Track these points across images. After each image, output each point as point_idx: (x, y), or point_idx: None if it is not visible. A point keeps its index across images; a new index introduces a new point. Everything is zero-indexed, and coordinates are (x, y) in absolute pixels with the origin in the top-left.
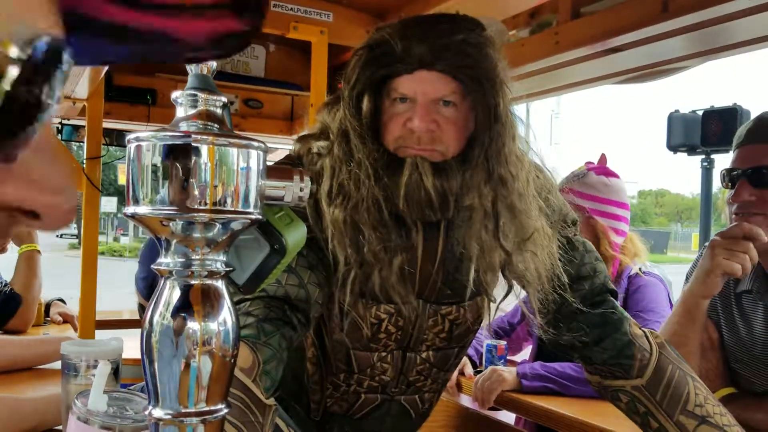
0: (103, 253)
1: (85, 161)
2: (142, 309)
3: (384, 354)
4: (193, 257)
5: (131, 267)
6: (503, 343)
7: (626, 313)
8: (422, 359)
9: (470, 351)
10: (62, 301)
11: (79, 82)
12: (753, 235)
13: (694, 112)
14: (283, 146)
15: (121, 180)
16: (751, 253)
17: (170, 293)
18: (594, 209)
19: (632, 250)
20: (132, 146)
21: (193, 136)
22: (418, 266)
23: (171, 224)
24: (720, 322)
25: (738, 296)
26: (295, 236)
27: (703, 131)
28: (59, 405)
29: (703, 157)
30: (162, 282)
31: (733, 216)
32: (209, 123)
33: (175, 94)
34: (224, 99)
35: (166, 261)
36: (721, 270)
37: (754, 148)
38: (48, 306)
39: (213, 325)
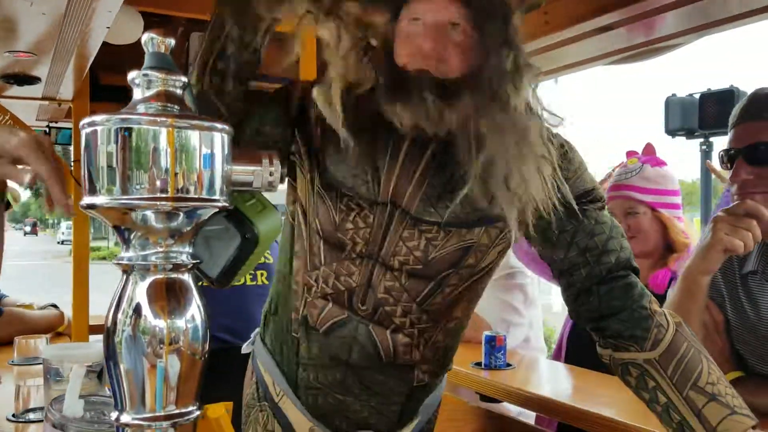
0: (104, 258)
1: (72, 164)
2: None
3: (353, 255)
4: (156, 250)
5: None
6: (503, 334)
7: (647, 290)
8: (392, 276)
9: None
10: (55, 306)
11: (63, 81)
12: (756, 212)
13: (691, 95)
14: None
15: None
16: (754, 230)
17: (133, 289)
18: (658, 203)
19: (696, 234)
20: (86, 132)
21: (150, 118)
22: (396, 171)
23: (131, 215)
24: (725, 304)
25: (744, 277)
26: (268, 224)
27: (700, 114)
28: None
29: (702, 140)
30: (123, 278)
31: (735, 196)
32: (168, 104)
33: (132, 75)
34: (184, 79)
35: (128, 255)
36: (722, 246)
37: (748, 126)
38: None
39: (180, 322)
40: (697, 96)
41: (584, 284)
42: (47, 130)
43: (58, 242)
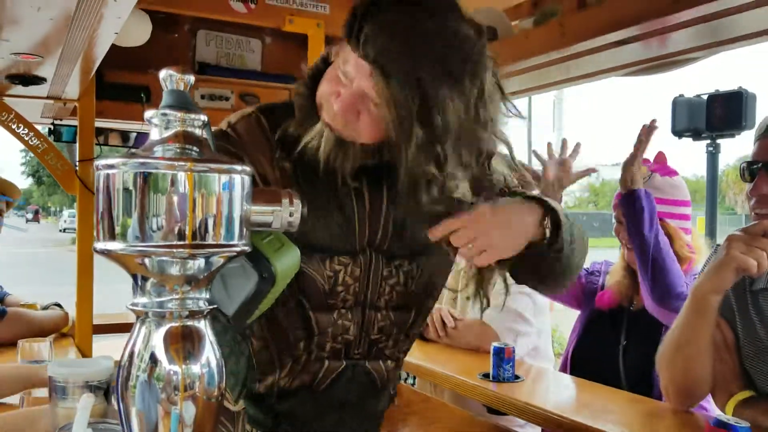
0: None
1: (77, 163)
2: None
3: (344, 311)
4: (171, 297)
5: None
6: (512, 345)
7: None
8: (383, 315)
9: None
10: (59, 305)
11: (68, 81)
12: None
13: (698, 96)
14: None
15: None
16: None
17: (147, 336)
18: (664, 212)
19: (702, 249)
20: (100, 174)
21: (168, 162)
22: (366, 214)
23: (146, 261)
24: (735, 321)
25: (754, 294)
26: (286, 262)
27: (708, 115)
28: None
29: (709, 141)
30: (138, 323)
31: (753, 213)
32: (187, 146)
33: (149, 114)
34: (204, 118)
35: (143, 301)
36: (735, 264)
37: None
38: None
39: (195, 368)
40: (705, 97)
41: None
42: (52, 127)
43: (60, 230)
